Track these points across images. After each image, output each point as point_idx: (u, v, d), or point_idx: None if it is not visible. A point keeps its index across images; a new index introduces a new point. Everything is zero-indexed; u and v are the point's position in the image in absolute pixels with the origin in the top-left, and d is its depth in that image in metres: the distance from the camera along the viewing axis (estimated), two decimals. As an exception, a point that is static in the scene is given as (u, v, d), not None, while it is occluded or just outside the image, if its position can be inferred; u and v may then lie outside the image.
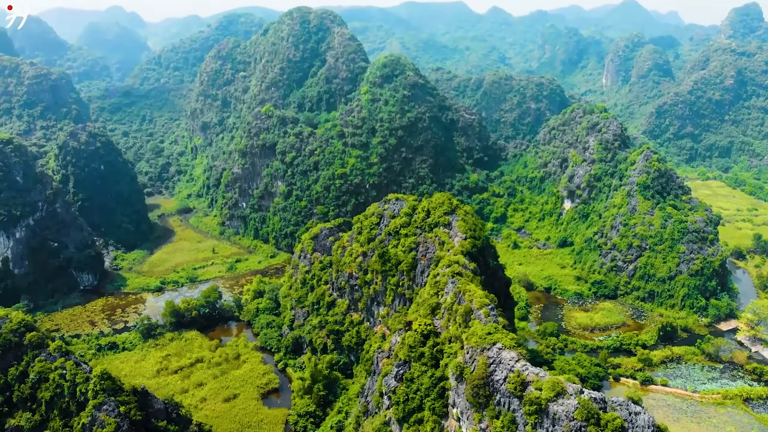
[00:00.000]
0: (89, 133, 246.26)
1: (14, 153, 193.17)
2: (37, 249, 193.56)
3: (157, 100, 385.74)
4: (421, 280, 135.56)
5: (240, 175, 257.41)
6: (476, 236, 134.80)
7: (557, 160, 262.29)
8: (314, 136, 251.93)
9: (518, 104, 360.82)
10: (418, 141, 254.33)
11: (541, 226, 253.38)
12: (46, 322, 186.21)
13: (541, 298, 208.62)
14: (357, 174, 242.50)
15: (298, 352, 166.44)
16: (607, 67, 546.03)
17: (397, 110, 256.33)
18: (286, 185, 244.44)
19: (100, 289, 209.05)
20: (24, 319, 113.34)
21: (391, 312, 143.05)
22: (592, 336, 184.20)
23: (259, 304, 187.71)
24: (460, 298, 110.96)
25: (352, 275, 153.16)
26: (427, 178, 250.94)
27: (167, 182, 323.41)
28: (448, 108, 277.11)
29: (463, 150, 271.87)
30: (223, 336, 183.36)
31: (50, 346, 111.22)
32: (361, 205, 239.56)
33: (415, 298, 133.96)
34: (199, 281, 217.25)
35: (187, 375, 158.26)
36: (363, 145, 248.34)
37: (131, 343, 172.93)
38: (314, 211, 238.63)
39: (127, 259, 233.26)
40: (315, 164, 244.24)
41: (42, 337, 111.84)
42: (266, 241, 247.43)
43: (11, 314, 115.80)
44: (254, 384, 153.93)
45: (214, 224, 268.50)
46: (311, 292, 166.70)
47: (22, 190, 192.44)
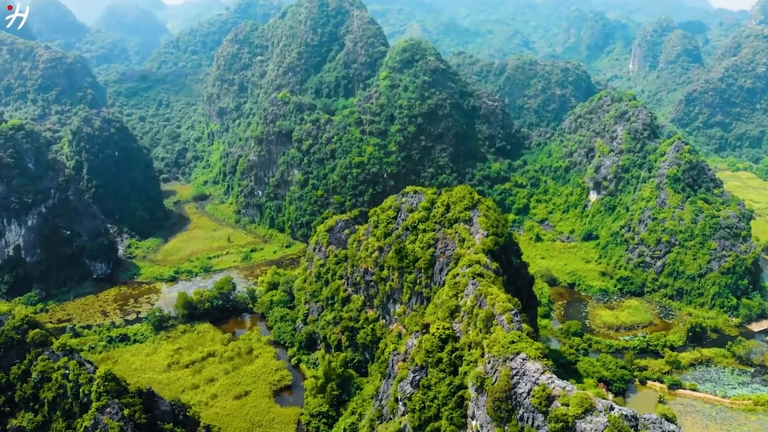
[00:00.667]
0: (103, 119, 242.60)
1: (26, 139, 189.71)
2: (49, 237, 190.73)
3: (174, 85, 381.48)
4: (440, 279, 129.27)
5: (256, 163, 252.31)
6: (499, 233, 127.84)
7: (583, 150, 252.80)
8: (331, 123, 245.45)
9: (542, 90, 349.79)
10: (439, 129, 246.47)
11: (565, 219, 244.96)
12: (58, 311, 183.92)
13: (564, 294, 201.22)
14: (374, 163, 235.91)
15: (311, 348, 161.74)
16: (634, 52, 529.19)
17: (416, 96, 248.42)
18: (302, 174, 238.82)
19: (113, 278, 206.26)
20: (27, 315, 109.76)
21: (408, 311, 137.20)
22: (617, 335, 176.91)
23: (273, 297, 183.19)
24: (481, 301, 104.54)
25: (368, 271, 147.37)
26: (446, 168, 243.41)
27: (184, 168, 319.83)
28: (470, 94, 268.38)
29: (485, 138, 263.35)
30: (236, 328, 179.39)
31: (54, 344, 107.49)
32: (378, 195, 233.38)
33: (433, 298, 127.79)
34: (214, 271, 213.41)
35: (198, 370, 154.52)
36: (381, 132, 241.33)
37: (143, 335, 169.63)
38: (330, 200, 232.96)
39: (141, 248, 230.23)
40: (332, 152, 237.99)
41: (45, 334, 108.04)
42: (282, 231, 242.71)
43: (15, 310, 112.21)
44: (266, 381, 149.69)
45: (229, 212, 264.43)
46: (326, 287, 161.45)
47: (33, 177, 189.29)
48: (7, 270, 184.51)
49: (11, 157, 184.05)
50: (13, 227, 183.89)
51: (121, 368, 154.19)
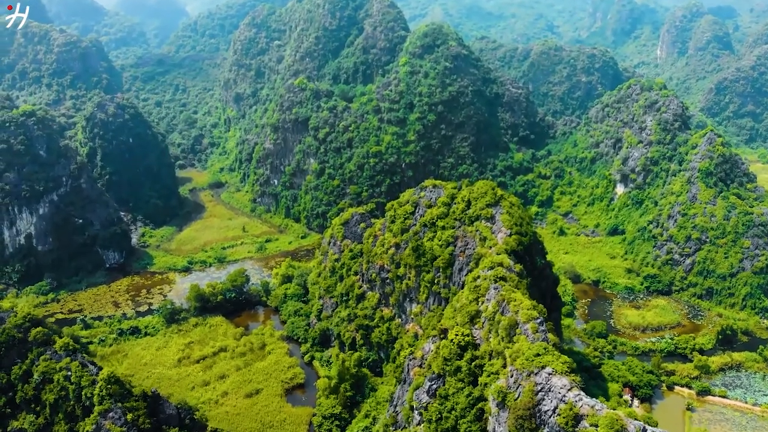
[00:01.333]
0: (117, 105, 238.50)
1: (37, 126, 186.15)
2: (60, 225, 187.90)
3: (191, 69, 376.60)
4: (459, 279, 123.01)
5: (272, 151, 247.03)
6: (523, 232, 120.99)
7: (610, 141, 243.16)
8: (349, 110, 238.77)
9: (568, 77, 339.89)
10: (460, 117, 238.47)
11: (590, 212, 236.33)
12: (69, 301, 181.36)
13: (588, 291, 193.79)
14: (393, 152, 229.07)
15: (325, 344, 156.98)
16: (662, 38, 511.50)
17: (437, 83, 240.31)
18: (318, 163, 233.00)
19: (125, 267, 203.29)
20: (30, 313, 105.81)
21: (425, 311, 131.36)
22: (643, 336, 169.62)
23: (287, 290, 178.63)
24: (503, 307, 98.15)
25: (384, 268, 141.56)
26: (467, 158, 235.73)
27: (200, 155, 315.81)
28: (492, 81, 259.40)
29: (508, 127, 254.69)
30: (249, 322, 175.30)
31: (56, 344, 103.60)
32: (396, 186, 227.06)
33: (451, 300, 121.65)
34: (228, 261, 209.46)
35: (209, 365, 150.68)
36: (400, 121, 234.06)
37: (154, 327, 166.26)
38: (347, 191, 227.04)
39: (155, 236, 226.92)
40: (349, 141, 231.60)
41: (48, 333, 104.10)
42: (297, 221, 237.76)
43: (17, 306, 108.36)
44: (278, 378, 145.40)
45: (245, 200, 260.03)
46: (340, 282, 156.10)
47: (45, 165, 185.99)
48: (18, 259, 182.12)
49: (22, 144, 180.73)
50: (24, 215, 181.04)
51: (131, 362, 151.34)
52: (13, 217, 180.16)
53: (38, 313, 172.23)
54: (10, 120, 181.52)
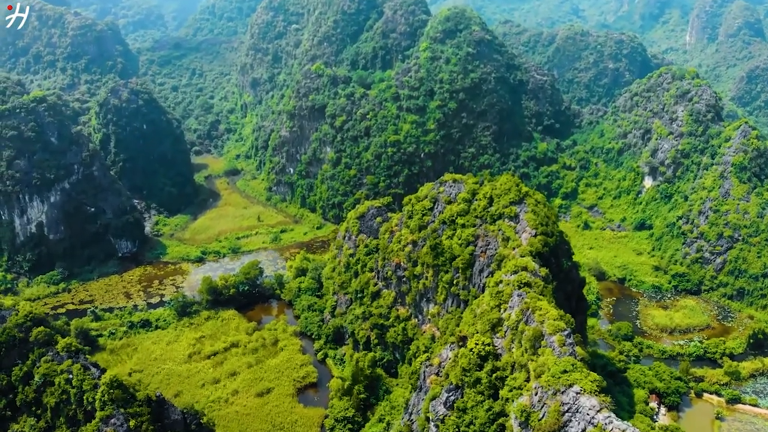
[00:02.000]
0: (131, 90, 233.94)
1: (48, 112, 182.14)
2: (72, 214, 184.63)
3: (208, 53, 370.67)
4: (479, 281, 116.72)
5: (287, 139, 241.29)
6: (549, 232, 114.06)
7: (639, 131, 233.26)
8: (367, 98, 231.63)
9: (594, 63, 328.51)
10: (482, 105, 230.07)
11: (616, 205, 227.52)
12: (81, 291, 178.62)
13: (613, 290, 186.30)
14: (411, 141, 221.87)
15: (339, 342, 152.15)
16: (691, 24, 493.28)
17: (459, 70, 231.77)
18: (335, 152, 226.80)
19: (138, 257, 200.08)
20: (31, 311, 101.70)
21: (443, 312, 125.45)
22: (671, 339, 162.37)
23: (301, 283, 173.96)
24: (527, 316, 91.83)
25: (400, 266, 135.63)
26: (489, 148, 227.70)
27: (216, 141, 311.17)
28: (516, 67, 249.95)
29: (532, 115, 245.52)
30: (262, 316, 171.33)
31: (58, 344, 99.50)
32: (414, 176, 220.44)
33: (471, 302, 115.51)
34: (242, 252, 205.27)
35: (220, 361, 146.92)
36: (419, 109, 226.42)
37: (165, 320, 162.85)
38: (364, 181, 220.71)
39: (169, 225, 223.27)
40: (366, 129, 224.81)
41: (50, 333, 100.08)
42: (313, 210, 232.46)
43: (19, 304, 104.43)
44: (290, 377, 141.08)
45: (261, 189, 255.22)
46: (355, 279, 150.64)
47: (56, 152, 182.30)
48: (29, 248, 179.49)
49: (33, 131, 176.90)
50: (35, 204, 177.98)
51: (141, 357, 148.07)
52: (23, 205, 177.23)
53: (49, 302, 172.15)
54: (20, 106, 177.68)
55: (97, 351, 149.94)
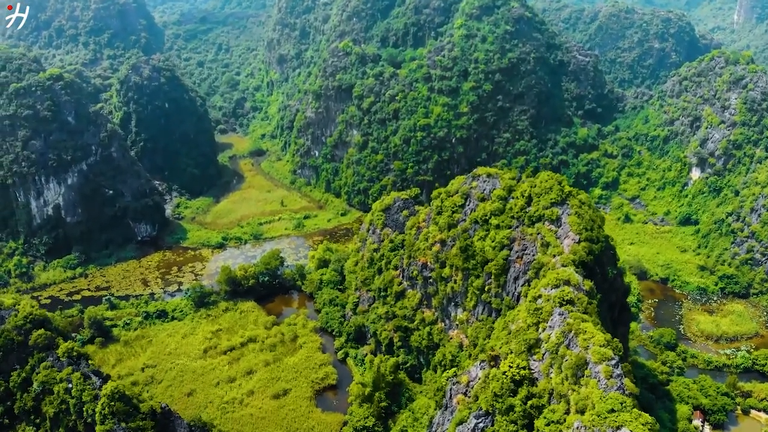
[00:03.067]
0: (153, 67, 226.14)
1: (65, 90, 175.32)
2: (90, 196, 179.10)
3: (235, 28, 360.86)
4: (514, 290, 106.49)
5: (313, 120, 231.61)
6: (594, 237, 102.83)
7: (687, 119, 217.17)
8: (396, 78, 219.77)
9: (639, 43, 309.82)
10: (519, 87, 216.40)
11: (660, 197, 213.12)
12: (98, 277, 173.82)
13: (655, 290, 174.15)
14: (442, 125, 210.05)
15: (360, 341, 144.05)
16: (740, 2, 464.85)
17: (496, 49, 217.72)
18: (361, 135, 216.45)
19: (158, 241, 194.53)
20: (32, 313, 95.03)
21: (472, 319, 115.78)
22: (716, 347, 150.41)
23: (322, 275, 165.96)
24: (570, 339, 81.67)
25: (427, 266, 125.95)
26: (525, 133, 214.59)
27: (241, 119, 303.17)
28: (557, 47, 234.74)
29: (572, 99, 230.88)
30: (282, 307, 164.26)
31: (59, 348, 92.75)
32: (444, 163, 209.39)
33: (504, 312, 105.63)
34: (264, 239, 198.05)
35: (236, 357, 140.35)
36: (452, 91, 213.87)
37: (181, 311, 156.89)
38: (391, 166, 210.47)
39: (191, 207, 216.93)
40: (395, 112, 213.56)
41: (50, 337, 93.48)
42: (338, 195, 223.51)
43: (20, 304, 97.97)
44: (309, 377, 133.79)
45: (285, 171, 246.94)
46: (378, 275, 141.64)
47: (73, 132, 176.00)
48: (46, 230, 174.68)
49: (49, 110, 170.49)
50: (51, 186, 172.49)
51: (155, 350, 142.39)
52: (40, 187, 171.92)
53: (65, 288, 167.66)
54: (36, 84, 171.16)
55: (110, 342, 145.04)
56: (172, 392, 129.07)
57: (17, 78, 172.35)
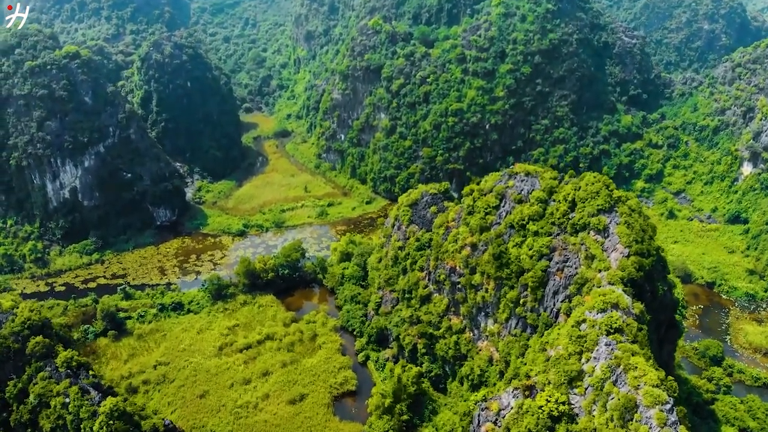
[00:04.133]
0: (175, 44, 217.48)
1: (81, 69, 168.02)
2: (107, 180, 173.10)
3: (263, 2, 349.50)
4: (553, 305, 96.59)
5: (339, 102, 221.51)
6: (645, 251, 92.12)
7: (740, 108, 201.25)
8: (428, 58, 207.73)
9: (687, 23, 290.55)
10: (560, 71, 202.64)
11: (707, 192, 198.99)
12: (114, 263, 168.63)
13: (700, 295, 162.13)
14: (476, 110, 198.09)
15: (382, 343, 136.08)
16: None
17: (536, 29, 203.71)
18: (389, 119, 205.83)
19: (177, 227, 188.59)
20: (30, 318, 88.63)
21: (504, 332, 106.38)
22: (766, 362, 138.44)
23: (345, 270, 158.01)
24: (618, 375, 71.93)
25: (456, 270, 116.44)
26: (565, 120, 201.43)
27: (267, 98, 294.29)
28: (602, 27, 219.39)
29: (616, 83, 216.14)
30: (302, 302, 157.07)
31: (58, 357, 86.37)
32: (477, 151, 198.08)
33: (540, 330, 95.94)
34: (286, 227, 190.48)
35: (253, 356, 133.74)
36: (487, 73, 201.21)
37: (198, 304, 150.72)
38: (419, 153, 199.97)
39: (213, 191, 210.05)
40: (425, 95, 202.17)
41: (49, 344, 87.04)
42: (363, 182, 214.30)
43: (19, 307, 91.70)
44: (327, 382, 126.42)
45: (310, 154, 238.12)
46: (403, 276, 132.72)
47: (90, 113, 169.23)
48: (62, 214, 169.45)
49: (65, 90, 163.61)
50: (68, 168, 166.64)
51: (169, 346, 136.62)
52: (55, 169, 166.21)
53: (81, 275, 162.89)
54: (51, 62, 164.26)
55: (124, 335, 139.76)
56: (184, 393, 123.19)
57: (32, 56, 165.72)
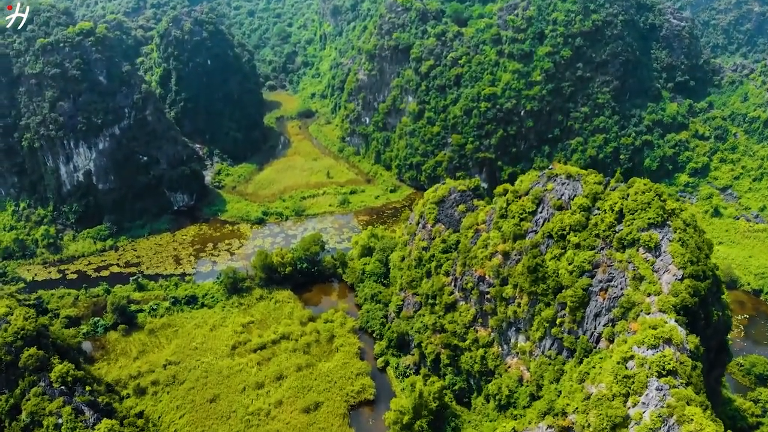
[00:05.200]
0: (195, 20, 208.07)
1: (96, 47, 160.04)
2: (122, 163, 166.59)
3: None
4: (594, 329, 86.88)
5: (365, 84, 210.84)
6: (700, 273, 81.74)
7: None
8: (461, 38, 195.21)
9: (736, 4, 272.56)
10: (603, 54, 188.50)
11: (755, 189, 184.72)
12: (129, 250, 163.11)
13: (746, 303, 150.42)
14: (511, 95, 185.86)
15: (403, 348, 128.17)
16: None
17: (578, 9, 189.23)
18: (417, 103, 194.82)
19: (195, 212, 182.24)
20: (24, 327, 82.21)
21: (537, 352, 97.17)
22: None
23: (365, 265, 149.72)
24: (670, 426, 62.52)
25: (485, 279, 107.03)
26: (606, 107, 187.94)
27: (292, 75, 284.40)
28: (649, 8, 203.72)
29: (662, 69, 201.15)
30: (321, 297, 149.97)
31: (53, 370, 79.98)
32: (510, 139, 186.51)
33: (579, 355, 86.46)
34: (306, 215, 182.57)
35: (267, 357, 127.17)
36: (524, 56, 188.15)
37: (212, 297, 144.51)
38: (448, 140, 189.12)
39: (233, 175, 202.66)
40: (457, 78, 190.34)
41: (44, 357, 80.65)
42: (388, 168, 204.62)
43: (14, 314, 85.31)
44: (344, 389, 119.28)
45: (333, 137, 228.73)
46: (427, 279, 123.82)
47: (104, 93, 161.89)
48: (76, 198, 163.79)
49: (78, 69, 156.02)
50: (81, 150, 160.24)
51: (180, 343, 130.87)
52: (69, 151, 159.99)
53: (94, 262, 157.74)
54: (64, 39, 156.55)
55: (134, 329, 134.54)
56: (194, 396, 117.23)
57: (45, 33, 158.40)
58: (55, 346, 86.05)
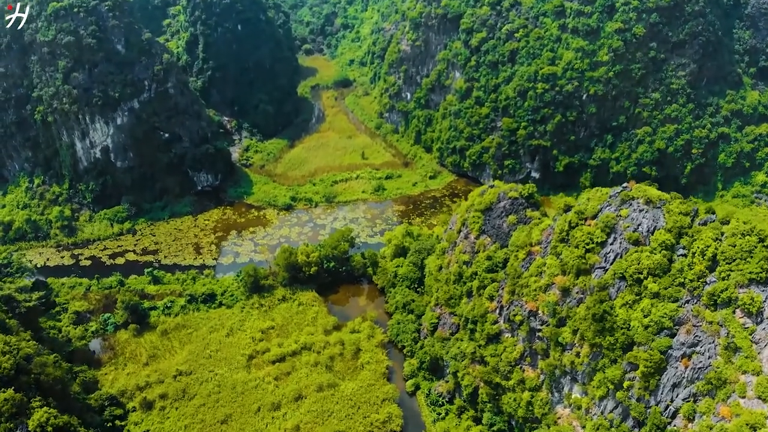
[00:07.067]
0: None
1: (113, 13, 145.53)
2: (142, 140, 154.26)
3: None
4: (670, 400, 70.92)
5: (408, 55, 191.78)
6: (817, 350, 64.23)
7: None
8: (518, 8, 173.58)
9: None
10: (680, 34, 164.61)
11: None
12: (147, 236, 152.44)
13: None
14: (573, 76, 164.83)
15: (437, 372, 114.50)
16: None
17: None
18: (465, 80, 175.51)
19: (219, 193, 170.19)
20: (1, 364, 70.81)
21: (595, 410, 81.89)
22: None
23: (398, 268, 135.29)
24: None
25: (537, 315, 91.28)
26: (681, 94, 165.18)
27: (330, 38, 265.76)
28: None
29: (745, 51, 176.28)
30: (348, 300, 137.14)
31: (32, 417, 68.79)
32: (568, 126, 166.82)
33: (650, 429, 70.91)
34: (337, 203, 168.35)
35: (286, 372, 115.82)
36: (590, 32, 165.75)
37: (232, 296, 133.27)
38: (498, 124, 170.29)
39: (262, 152, 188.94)
40: (511, 54, 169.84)
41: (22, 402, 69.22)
42: (428, 150, 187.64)
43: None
44: (368, 417, 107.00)
45: (371, 111, 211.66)
46: (467, 299, 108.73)
47: (122, 64, 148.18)
48: (93, 176, 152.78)
49: (93, 37, 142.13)
50: (98, 126, 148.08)
51: (194, 349, 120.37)
52: (84, 127, 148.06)
53: (110, 247, 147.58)
54: (79, 4, 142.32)
55: (146, 329, 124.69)
56: (204, 415, 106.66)
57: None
58: (38, 383, 75.11)
